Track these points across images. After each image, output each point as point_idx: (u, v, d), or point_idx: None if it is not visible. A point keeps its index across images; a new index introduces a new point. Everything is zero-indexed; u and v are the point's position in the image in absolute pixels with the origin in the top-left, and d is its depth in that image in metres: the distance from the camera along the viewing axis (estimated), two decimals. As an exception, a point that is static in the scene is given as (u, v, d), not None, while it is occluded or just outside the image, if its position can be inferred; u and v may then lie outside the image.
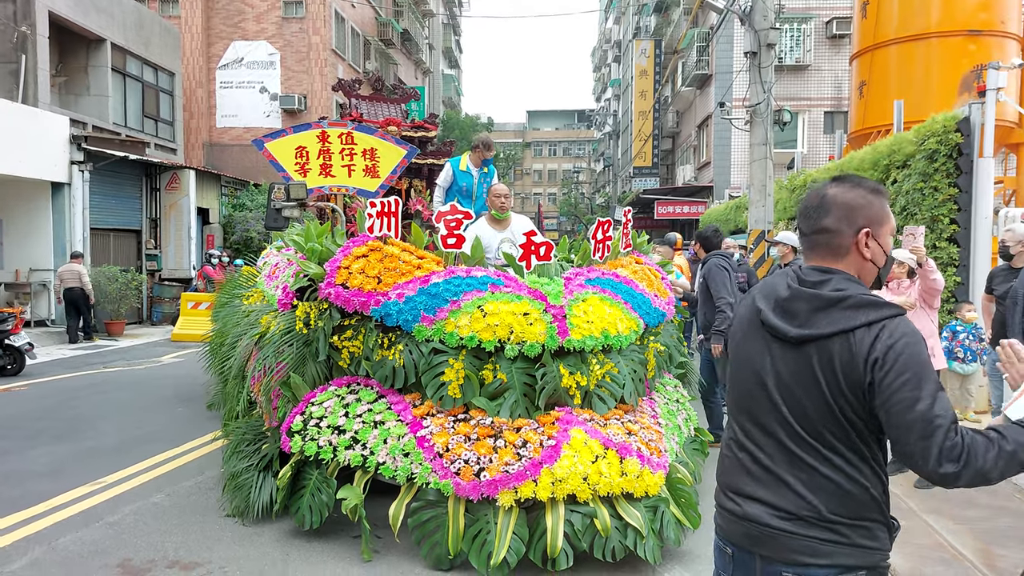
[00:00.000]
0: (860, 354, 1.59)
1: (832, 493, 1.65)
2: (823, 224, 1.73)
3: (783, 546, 1.68)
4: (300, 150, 5.87)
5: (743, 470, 1.78)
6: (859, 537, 1.65)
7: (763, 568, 1.71)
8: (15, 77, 14.82)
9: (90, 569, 3.81)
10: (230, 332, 5.68)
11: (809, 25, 22.78)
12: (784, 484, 1.69)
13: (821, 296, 1.67)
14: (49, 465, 5.63)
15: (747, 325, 1.83)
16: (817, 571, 1.65)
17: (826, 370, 1.63)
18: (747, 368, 1.79)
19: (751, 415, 1.78)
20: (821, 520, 1.65)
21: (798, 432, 1.67)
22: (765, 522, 1.70)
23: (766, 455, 1.73)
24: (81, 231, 14.96)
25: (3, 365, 9.57)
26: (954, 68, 11.80)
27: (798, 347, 1.68)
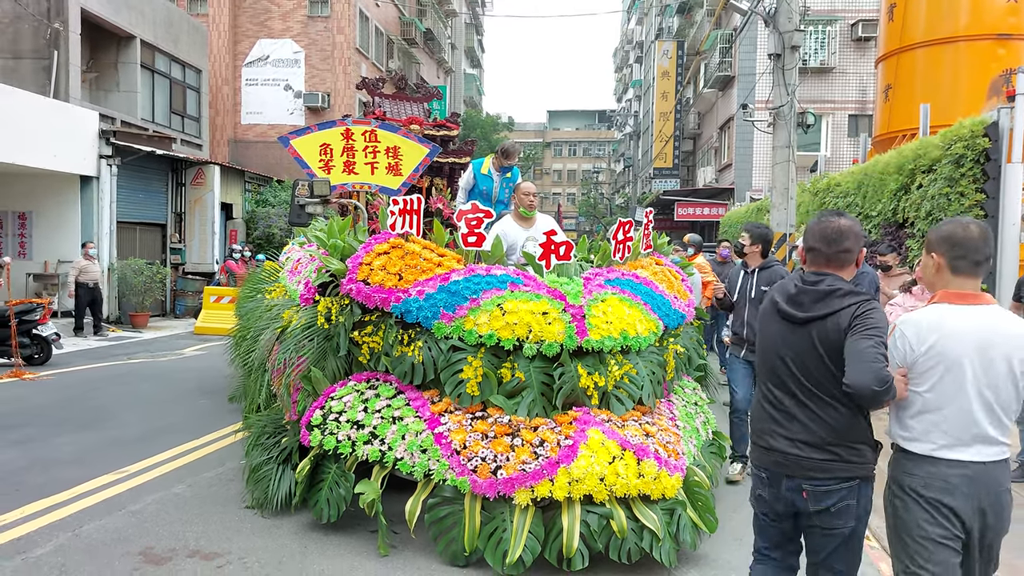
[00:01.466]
0: (842, 326, 2.39)
1: (831, 428, 2.44)
2: (846, 246, 2.51)
3: (800, 467, 2.47)
4: (324, 147, 5.94)
5: (770, 418, 2.58)
6: (851, 456, 2.44)
7: (787, 484, 2.51)
8: (47, 73, 15.09)
9: (113, 556, 3.88)
10: (252, 326, 5.76)
11: (834, 27, 22.55)
12: (799, 423, 2.49)
13: (819, 291, 2.49)
14: (74, 453, 5.74)
15: (768, 315, 2.64)
16: (825, 482, 2.44)
17: (823, 341, 2.43)
18: (770, 346, 2.59)
19: (774, 379, 2.57)
20: (825, 446, 2.44)
21: (807, 387, 2.47)
22: (786, 451, 2.50)
23: (785, 406, 2.53)
24: (108, 224, 15.21)
25: (30, 354, 9.76)
26: (982, 72, 11.64)
27: (803, 326, 2.49)
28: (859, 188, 10.30)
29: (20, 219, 15.07)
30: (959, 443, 2.33)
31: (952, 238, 2.40)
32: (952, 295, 2.39)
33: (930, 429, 2.37)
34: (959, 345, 2.31)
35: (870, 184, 9.86)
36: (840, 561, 2.52)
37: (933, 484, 2.34)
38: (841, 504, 2.43)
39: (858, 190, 10.32)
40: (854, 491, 2.43)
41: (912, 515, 2.38)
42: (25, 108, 13.04)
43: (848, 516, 2.44)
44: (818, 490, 2.44)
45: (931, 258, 2.45)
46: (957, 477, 2.32)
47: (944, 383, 2.33)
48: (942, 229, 2.45)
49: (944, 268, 2.42)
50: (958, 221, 2.47)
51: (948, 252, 2.40)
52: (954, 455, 2.33)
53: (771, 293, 2.63)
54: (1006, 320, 2.36)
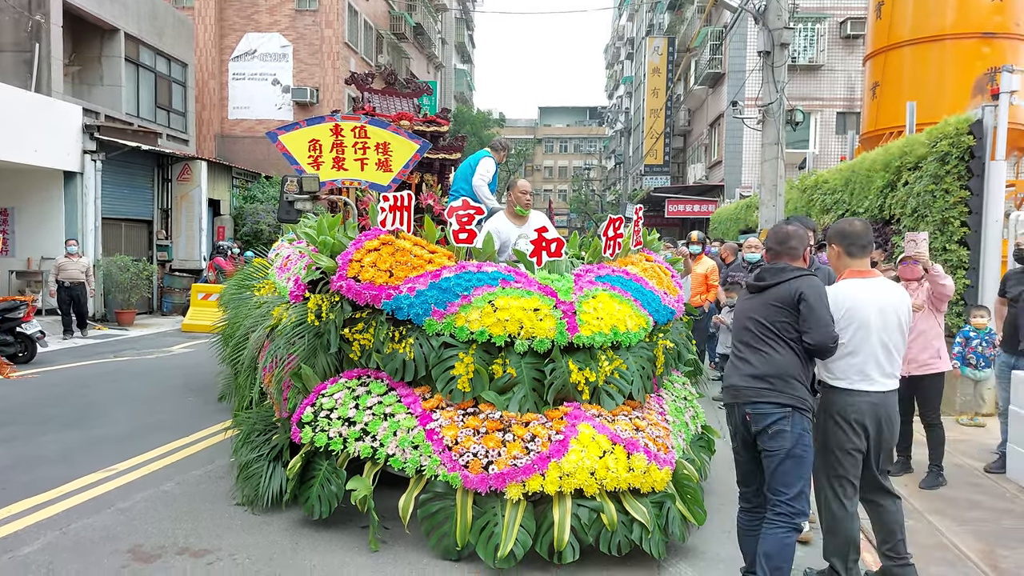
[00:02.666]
0: (791, 292, 3.20)
1: (771, 362, 3.19)
2: (791, 244, 3.37)
3: (744, 395, 3.24)
4: (313, 143, 5.91)
5: (732, 365, 3.37)
6: (784, 387, 3.15)
7: (738, 412, 3.28)
8: (29, 66, 14.91)
9: (102, 554, 3.86)
10: (241, 323, 5.73)
11: (823, 25, 22.66)
12: (749, 363, 3.26)
13: (776, 268, 3.34)
14: (60, 452, 5.70)
15: (743, 295, 3.51)
16: (760, 406, 3.17)
17: (778, 299, 3.23)
18: (740, 313, 3.43)
19: (739, 336, 3.37)
20: (764, 377, 3.18)
21: (759, 335, 3.25)
22: (737, 384, 3.28)
23: (743, 353, 3.31)
24: (93, 220, 15.06)
25: (14, 353, 9.66)
26: (968, 70, 11.74)
27: (762, 292, 3.31)
28: (846, 185, 10.36)
29: (2, 215, 14.90)
30: (868, 378, 3.29)
31: (843, 232, 3.45)
32: (855, 272, 3.42)
33: (848, 370, 3.31)
34: (866, 307, 3.30)
35: (857, 181, 9.92)
36: (779, 483, 3.12)
37: (851, 409, 3.29)
38: (776, 428, 3.10)
39: (845, 187, 10.39)
40: (788, 419, 3.10)
41: (837, 434, 3.32)
42: (6, 102, 12.88)
43: (783, 439, 3.09)
44: (756, 413, 3.16)
45: (832, 248, 3.52)
46: (867, 404, 3.29)
47: (858, 336, 3.30)
48: (836, 227, 3.50)
49: (842, 254, 3.46)
50: (846, 220, 3.54)
51: (842, 242, 3.45)
52: (865, 387, 3.30)
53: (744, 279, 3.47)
54: (891, 287, 3.41)
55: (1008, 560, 3.96)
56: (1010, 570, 3.87)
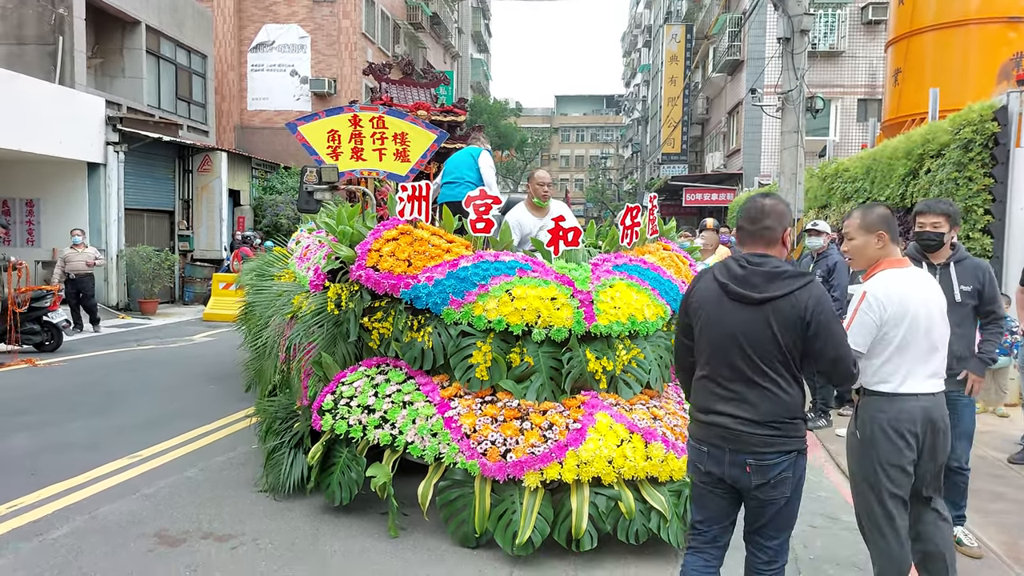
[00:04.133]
0: (799, 307, 2.48)
1: (774, 402, 2.53)
2: (766, 223, 2.60)
3: (746, 443, 2.55)
4: (332, 133, 5.95)
5: (715, 396, 2.62)
6: (792, 431, 2.56)
7: (731, 459, 2.58)
8: (52, 59, 15.10)
9: (128, 538, 3.95)
10: (263, 312, 5.80)
11: (844, 11, 22.33)
12: (743, 401, 2.56)
13: (769, 272, 2.54)
14: (88, 438, 5.81)
15: (712, 295, 2.64)
16: (767, 456, 2.54)
17: (777, 320, 2.50)
18: (719, 327, 2.60)
19: (722, 358, 2.59)
20: (769, 422, 2.53)
21: (756, 363, 2.53)
22: (731, 427, 2.57)
23: (730, 383, 2.58)
24: (116, 211, 15.26)
25: (41, 341, 9.85)
26: (992, 56, 11.53)
27: (757, 306, 2.52)
28: (867, 173, 10.25)
29: (28, 206, 15.14)
30: (918, 379, 2.89)
31: (889, 218, 3.00)
32: (895, 262, 2.99)
33: (896, 371, 2.89)
34: (914, 301, 2.88)
35: (879, 169, 9.81)
36: (775, 528, 2.69)
37: (903, 416, 2.87)
38: (780, 476, 2.57)
39: (866, 175, 10.28)
40: (792, 463, 2.58)
41: (886, 447, 2.88)
42: (31, 94, 13.07)
43: (786, 487, 2.59)
44: (761, 464, 2.55)
45: (876, 237, 2.99)
46: (918, 408, 2.87)
47: (907, 333, 2.87)
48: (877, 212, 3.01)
49: (890, 242, 2.99)
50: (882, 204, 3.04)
51: (891, 230, 2.98)
52: (914, 388, 2.88)
53: (711, 275, 2.65)
54: (926, 276, 3.05)
55: None
56: None
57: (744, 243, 2.65)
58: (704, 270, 2.68)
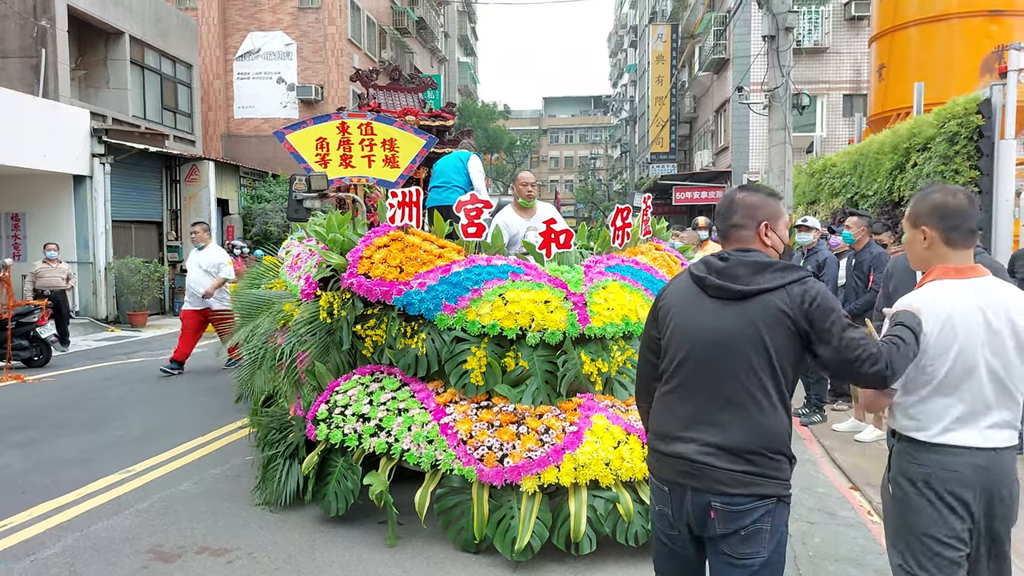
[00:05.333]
0: (796, 302, 2.00)
1: (754, 428, 2.00)
2: (733, 221, 2.18)
3: (709, 477, 2.01)
4: (320, 141, 5.92)
5: (678, 416, 2.11)
6: (772, 470, 2.01)
7: (693, 499, 2.04)
8: (35, 71, 14.99)
9: (122, 555, 3.90)
10: (255, 321, 5.75)
11: (827, 7, 22.45)
12: (713, 424, 2.03)
13: (757, 262, 2.08)
14: (78, 454, 5.75)
15: (685, 295, 2.18)
16: (739, 500, 1.99)
17: (766, 318, 2.01)
18: (691, 329, 2.12)
19: (689, 366, 2.10)
20: (744, 453, 2.00)
21: (735, 375, 2.02)
22: (695, 458, 2.03)
23: (699, 400, 2.07)
24: (103, 223, 15.15)
25: (30, 356, 9.75)
26: (975, 49, 11.62)
27: (741, 302, 2.05)
28: (855, 168, 10.30)
29: (13, 220, 15.01)
30: (973, 428, 2.15)
31: (944, 208, 2.21)
32: (951, 270, 2.22)
33: (941, 414, 2.16)
34: (969, 323, 2.14)
35: (866, 164, 9.86)
36: None
37: (947, 475, 2.13)
38: (753, 527, 2.00)
39: (854, 170, 10.33)
40: (769, 513, 2.01)
41: (924, 512, 2.17)
42: (13, 108, 12.95)
43: (760, 543, 2.01)
44: (729, 509, 1.99)
45: (920, 232, 2.26)
46: (969, 467, 2.12)
47: (956, 364, 2.15)
48: (929, 199, 2.25)
49: (937, 242, 2.23)
50: (944, 188, 2.27)
51: (940, 223, 2.21)
52: (967, 440, 2.14)
53: (687, 272, 2.24)
54: (1006, 291, 2.19)
55: None
56: None
57: (722, 240, 2.26)
58: (679, 274, 2.32)
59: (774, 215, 2.17)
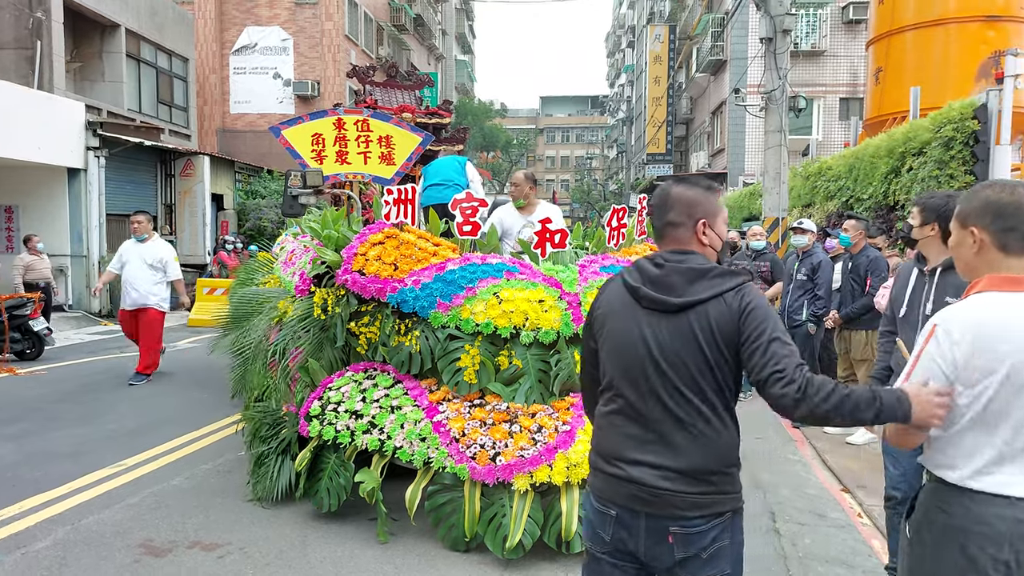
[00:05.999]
0: (731, 310, 1.88)
1: (708, 446, 1.90)
2: (668, 218, 2.02)
3: (668, 503, 1.90)
4: (316, 137, 5.91)
5: (626, 437, 1.97)
6: (726, 485, 1.93)
7: (647, 525, 1.92)
8: (31, 63, 14.91)
9: (113, 548, 3.90)
10: (250, 317, 5.75)
11: (825, 10, 22.53)
12: (666, 445, 1.92)
13: (693, 269, 1.94)
14: (70, 448, 5.73)
15: (620, 306, 2.03)
16: (696, 522, 1.89)
17: (704, 329, 1.89)
18: (628, 344, 1.98)
19: (633, 385, 1.97)
20: (700, 474, 1.89)
21: (681, 391, 1.91)
22: (651, 483, 1.91)
23: (649, 420, 1.94)
24: (97, 217, 15.10)
25: (22, 349, 9.71)
26: (972, 54, 11.67)
27: (677, 314, 1.92)
28: (850, 171, 10.33)
29: (6, 213, 14.93)
30: (1017, 475, 1.74)
31: (998, 207, 1.83)
32: (1004, 280, 1.81)
33: (975, 452, 1.78)
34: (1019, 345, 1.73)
35: (861, 168, 9.89)
36: None
37: (985, 530, 1.73)
38: (714, 547, 1.91)
39: (849, 173, 10.36)
40: (727, 528, 1.93)
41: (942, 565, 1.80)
42: (8, 99, 12.88)
43: (721, 561, 1.93)
44: (688, 532, 1.89)
45: (969, 234, 1.88)
46: (1010, 523, 1.70)
47: (1001, 395, 1.75)
48: (980, 196, 1.88)
49: (989, 246, 1.84)
50: (999, 183, 1.91)
51: (993, 224, 1.83)
52: (1011, 490, 1.73)
53: (620, 279, 2.06)
54: None
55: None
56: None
57: (657, 242, 2.11)
58: (613, 277, 2.14)
59: (712, 212, 2.03)
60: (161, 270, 8.27)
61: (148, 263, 8.17)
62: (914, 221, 3.42)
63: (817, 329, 6.45)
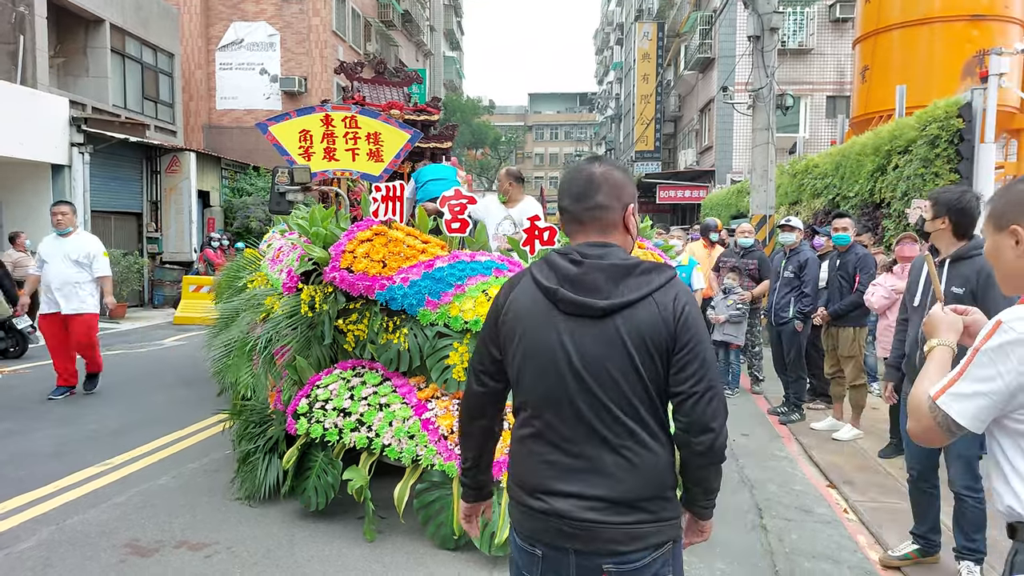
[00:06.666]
0: (664, 312, 1.65)
1: (643, 471, 1.66)
2: (597, 201, 1.74)
3: (599, 537, 1.66)
4: (304, 133, 5.87)
5: (547, 465, 1.72)
6: (665, 511, 1.70)
7: (578, 563, 1.69)
8: (13, 58, 14.73)
9: (99, 548, 3.86)
10: (234, 316, 5.71)
11: (812, 9, 22.64)
12: (596, 472, 1.67)
13: (617, 266, 1.68)
14: (54, 447, 5.68)
15: (532, 310, 1.74)
16: (634, 556, 1.66)
17: (633, 335, 1.64)
18: (544, 356, 1.71)
19: (554, 405, 1.71)
20: (636, 502, 1.66)
21: (609, 409, 1.66)
22: (577, 516, 1.66)
23: (574, 445, 1.69)
24: (82, 214, 14.93)
25: (5, 348, 9.61)
26: (957, 53, 11.78)
27: (602, 319, 1.66)
28: (837, 169, 10.39)
29: (-10, 209, 14.76)
30: None
31: None
32: None
33: None
34: None
35: (848, 165, 9.96)
36: None
37: None
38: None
39: (836, 171, 10.42)
40: (668, 560, 1.72)
41: None
42: (-8, 95, 12.75)
43: None
44: (624, 568, 1.67)
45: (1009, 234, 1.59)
46: None
47: None
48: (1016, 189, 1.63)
49: None
50: None
51: None
52: None
53: (529, 279, 1.78)
54: None
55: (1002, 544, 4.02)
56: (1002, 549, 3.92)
57: (571, 232, 1.81)
58: (519, 273, 1.85)
59: (634, 196, 1.81)
60: (87, 267, 7.24)
61: (73, 259, 7.16)
62: (927, 215, 3.51)
63: (804, 326, 6.49)
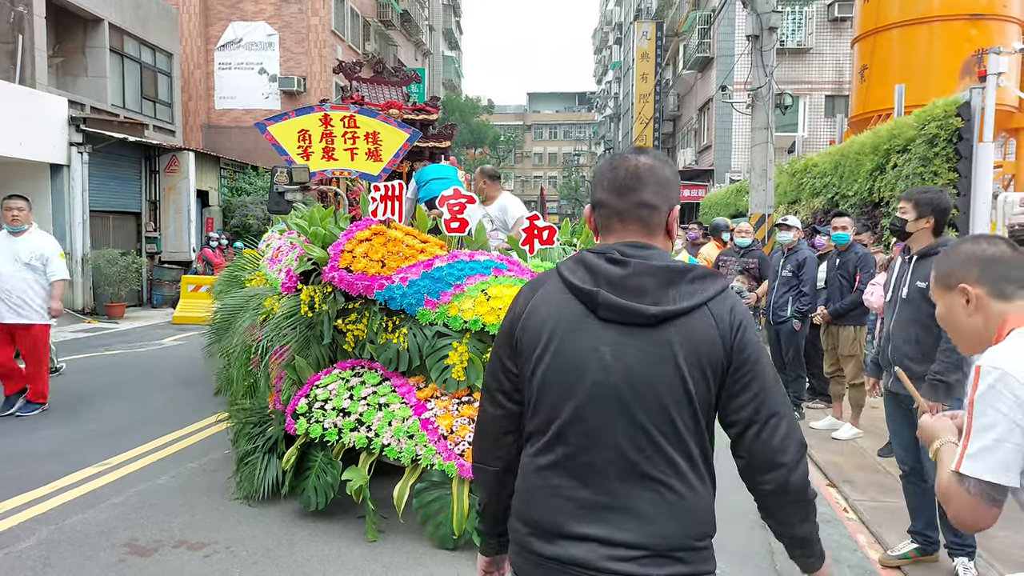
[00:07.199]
0: (721, 325, 1.41)
1: (683, 512, 1.42)
2: (643, 198, 1.48)
3: None
4: (303, 133, 5.86)
5: (567, 501, 1.44)
6: (702, 563, 1.44)
7: None
8: (12, 58, 14.71)
9: (98, 548, 3.86)
10: (233, 315, 5.71)
11: (811, 8, 22.66)
12: (625, 512, 1.40)
13: (668, 268, 1.43)
14: (53, 447, 5.67)
15: (560, 313, 1.47)
16: None
17: (687, 349, 1.39)
18: (574, 370, 1.44)
19: (583, 429, 1.44)
20: (671, 551, 1.40)
21: (651, 437, 1.40)
22: (598, 566, 1.38)
23: (603, 478, 1.42)
24: (80, 213, 14.93)
25: None
26: (956, 52, 11.79)
27: (654, 328, 1.40)
28: (836, 169, 10.40)
29: (-11, 209, 14.73)
30: None
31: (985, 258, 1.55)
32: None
33: None
34: None
35: (847, 165, 9.96)
36: None
37: None
38: None
39: (835, 171, 10.43)
40: None
41: None
42: (-10, 95, 12.73)
43: None
44: None
45: (960, 294, 1.57)
46: None
47: None
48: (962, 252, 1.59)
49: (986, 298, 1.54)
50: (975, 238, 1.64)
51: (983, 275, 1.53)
52: None
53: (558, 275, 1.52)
54: None
55: (998, 540, 4.02)
56: (1001, 550, 3.92)
57: (607, 229, 1.54)
58: (543, 274, 1.58)
59: (679, 198, 1.58)
60: (41, 270, 6.53)
61: (24, 261, 6.45)
62: (908, 216, 3.61)
63: (802, 325, 6.49)
